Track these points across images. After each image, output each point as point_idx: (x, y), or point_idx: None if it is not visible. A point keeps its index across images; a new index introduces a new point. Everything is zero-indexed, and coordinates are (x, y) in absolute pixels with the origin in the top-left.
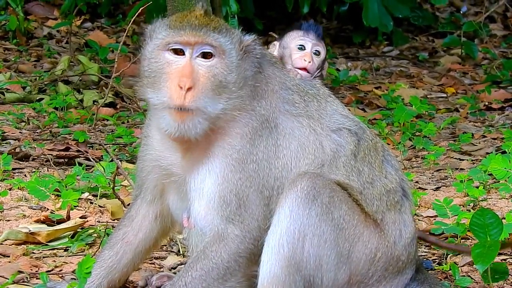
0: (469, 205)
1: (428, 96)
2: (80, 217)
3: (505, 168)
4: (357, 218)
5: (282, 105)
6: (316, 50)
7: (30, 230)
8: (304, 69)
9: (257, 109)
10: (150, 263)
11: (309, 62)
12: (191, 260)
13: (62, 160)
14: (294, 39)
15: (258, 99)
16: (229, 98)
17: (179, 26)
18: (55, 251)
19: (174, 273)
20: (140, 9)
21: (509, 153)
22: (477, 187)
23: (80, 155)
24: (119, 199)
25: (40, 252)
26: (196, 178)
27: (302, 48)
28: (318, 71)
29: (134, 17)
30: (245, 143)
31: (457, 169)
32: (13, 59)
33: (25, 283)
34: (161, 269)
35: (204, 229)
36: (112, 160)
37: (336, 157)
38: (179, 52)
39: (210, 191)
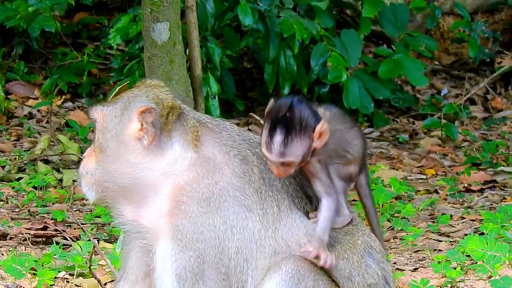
0: (446, 286)
1: (407, 177)
2: None
3: (482, 249)
4: None
5: (231, 190)
6: (282, 163)
7: None
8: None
9: (197, 189)
10: None
11: (279, 175)
12: None
13: (40, 239)
14: (263, 137)
15: (197, 180)
16: (108, 162)
17: None
18: None
19: None
20: (118, 88)
21: (487, 234)
22: (455, 268)
23: (58, 234)
24: (95, 278)
25: None
26: (158, 257)
27: (268, 159)
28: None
29: (113, 96)
30: (186, 222)
31: (435, 250)
32: None
33: None
34: None
35: None
36: (89, 240)
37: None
38: None
39: (167, 269)
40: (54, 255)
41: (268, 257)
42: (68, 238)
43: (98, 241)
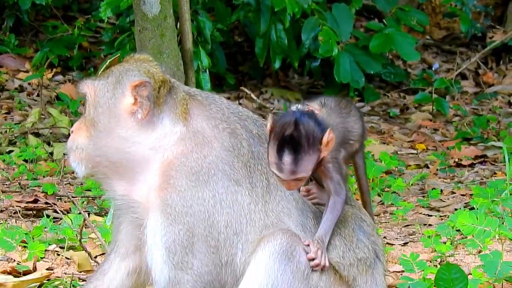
0: (436, 261)
1: (398, 152)
2: (47, 269)
3: (472, 224)
4: (332, 280)
5: (220, 164)
6: (295, 179)
7: None
8: None
9: (186, 163)
10: None
11: (290, 189)
12: None
13: (31, 212)
14: (270, 156)
15: (185, 154)
16: (99, 137)
17: None
18: None
19: None
20: (108, 61)
21: (477, 209)
22: (445, 243)
23: (49, 207)
24: (86, 251)
25: None
26: (148, 230)
27: (278, 176)
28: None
29: (102, 70)
30: (175, 196)
31: (425, 224)
32: None
33: None
34: None
35: (158, 278)
36: (80, 213)
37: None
38: None
39: (157, 243)
40: (45, 228)
41: (259, 231)
42: (59, 211)
43: (88, 214)
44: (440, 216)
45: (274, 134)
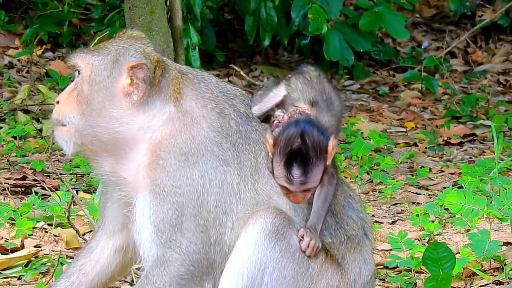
0: (424, 239)
1: (387, 130)
2: (35, 246)
3: (460, 203)
4: (323, 260)
5: (209, 144)
6: (304, 190)
7: None
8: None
9: (174, 144)
10: None
11: (297, 202)
12: (135, 286)
13: (19, 189)
14: (277, 170)
15: (174, 134)
16: (91, 115)
17: None
18: (8, 279)
19: None
20: (97, 38)
21: (465, 188)
22: (433, 221)
23: (37, 184)
24: (74, 228)
25: None
26: (137, 209)
27: (286, 188)
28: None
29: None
30: (164, 176)
31: (413, 203)
32: None
33: None
34: None
35: (146, 256)
36: (68, 190)
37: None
38: None
39: (145, 221)
40: (33, 205)
41: (250, 209)
42: (47, 188)
43: (77, 191)
44: (429, 195)
45: (279, 149)
